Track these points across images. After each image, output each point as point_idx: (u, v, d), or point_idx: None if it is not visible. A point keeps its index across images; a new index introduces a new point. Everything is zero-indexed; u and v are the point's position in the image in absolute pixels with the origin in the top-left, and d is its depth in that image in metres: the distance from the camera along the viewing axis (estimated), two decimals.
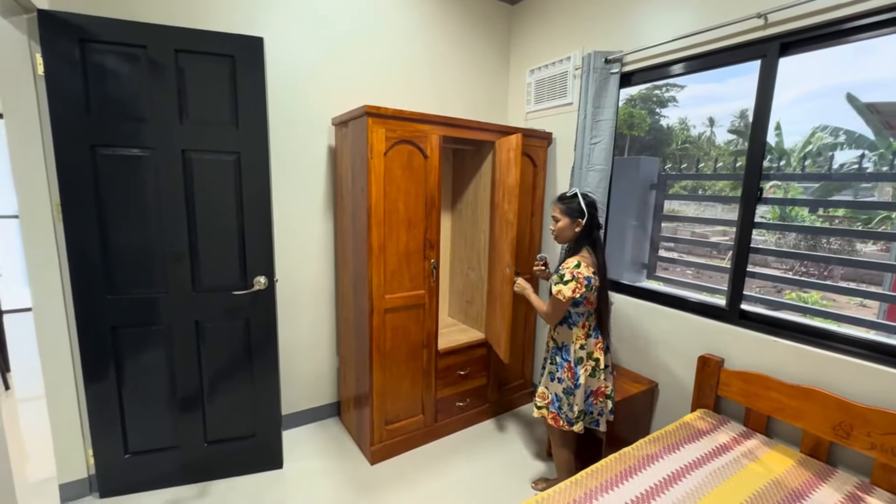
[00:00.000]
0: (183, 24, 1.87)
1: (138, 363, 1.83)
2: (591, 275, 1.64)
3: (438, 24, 2.63)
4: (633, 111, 9.20)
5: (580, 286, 1.62)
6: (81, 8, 1.68)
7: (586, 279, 1.63)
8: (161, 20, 1.83)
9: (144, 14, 1.82)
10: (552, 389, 1.81)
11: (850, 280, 4.86)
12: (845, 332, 1.63)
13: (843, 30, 1.55)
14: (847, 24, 1.53)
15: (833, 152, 7.64)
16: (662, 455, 1.55)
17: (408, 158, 2.05)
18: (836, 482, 1.43)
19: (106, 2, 1.76)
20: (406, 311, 2.16)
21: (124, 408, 1.84)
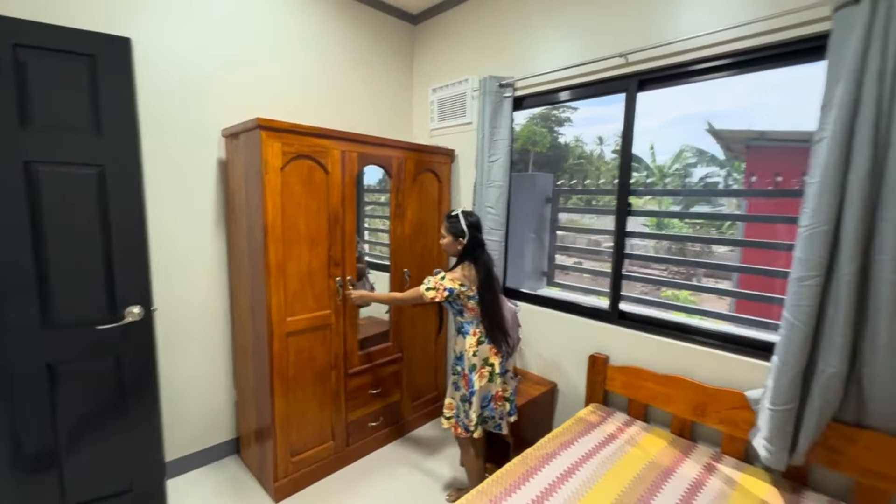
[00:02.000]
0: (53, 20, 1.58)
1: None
2: (454, 286, 1.77)
3: (341, 40, 2.60)
4: (535, 129, 9.97)
5: (439, 294, 1.76)
6: None
7: (447, 290, 1.77)
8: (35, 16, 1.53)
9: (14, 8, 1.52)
10: (455, 398, 1.88)
11: (710, 278, 5.76)
12: (701, 325, 1.92)
13: (687, 72, 1.85)
14: (689, 67, 1.83)
15: (694, 169, 9.04)
16: (559, 452, 1.67)
17: (308, 174, 1.98)
18: (696, 455, 1.66)
19: None
20: (311, 332, 2.06)
21: None
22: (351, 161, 2.13)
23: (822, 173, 1.32)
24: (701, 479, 1.52)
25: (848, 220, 1.29)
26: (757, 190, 2.31)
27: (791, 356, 1.39)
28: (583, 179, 7.14)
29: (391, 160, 2.34)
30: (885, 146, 1.25)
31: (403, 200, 2.43)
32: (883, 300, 1.27)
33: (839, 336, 1.32)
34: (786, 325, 1.41)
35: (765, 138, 5.85)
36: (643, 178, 10.50)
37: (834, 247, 1.33)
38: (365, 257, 2.68)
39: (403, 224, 2.44)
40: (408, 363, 2.56)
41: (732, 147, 7.22)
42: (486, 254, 1.87)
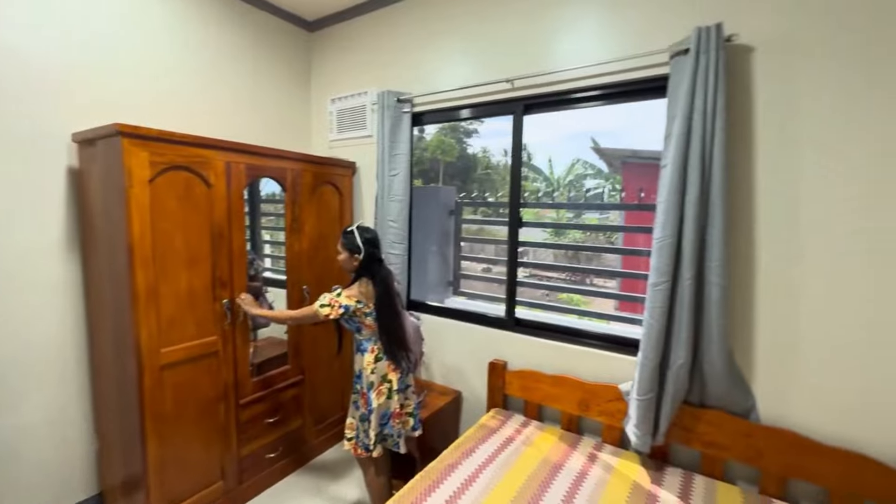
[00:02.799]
0: None
1: None
2: (350, 303, 1.74)
3: (230, 45, 2.43)
4: (444, 139, 10.24)
5: (334, 311, 1.72)
6: None
7: (342, 307, 1.73)
8: None
9: None
10: (356, 418, 1.84)
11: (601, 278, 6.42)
12: (585, 328, 2.12)
13: (566, 99, 2.03)
14: (568, 95, 2.02)
15: (585, 180, 10.06)
16: (461, 461, 1.71)
17: (185, 187, 1.78)
18: (582, 447, 1.82)
19: None
20: (193, 363, 1.85)
21: None
22: (238, 173, 1.97)
23: (666, 194, 1.56)
24: (585, 469, 1.67)
25: (687, 234, 1.54)
26: (624, 204, 2.64)
27: (650, 351, 1.60)
28: (490, 189, 7.50)
29: (285, 172, 2.22)
30: (709, 174, 1.51)
31: (301, 214, 2.31)
32: (713, 300, 1.53)
33: (684, 332, 1.56)
34: (645, 324, 1.63)
35: (637, 156, 6.73)
36: (544, 188, 11.31)
37: (678, 256, 1.57)
38: (262, 275, 2.49)
39: (301, 239, 2.32)
40: (310, 385, 2.43)
41: (613, 163, 8.21)
42: (384, 269, 1.85)
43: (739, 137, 1.57)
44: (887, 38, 1.36)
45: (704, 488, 1.57)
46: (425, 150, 10.49)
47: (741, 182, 1.58)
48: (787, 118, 1.51)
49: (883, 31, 1.36)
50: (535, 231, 6.84)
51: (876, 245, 1.41)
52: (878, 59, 1.37)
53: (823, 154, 1.46)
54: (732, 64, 1.55)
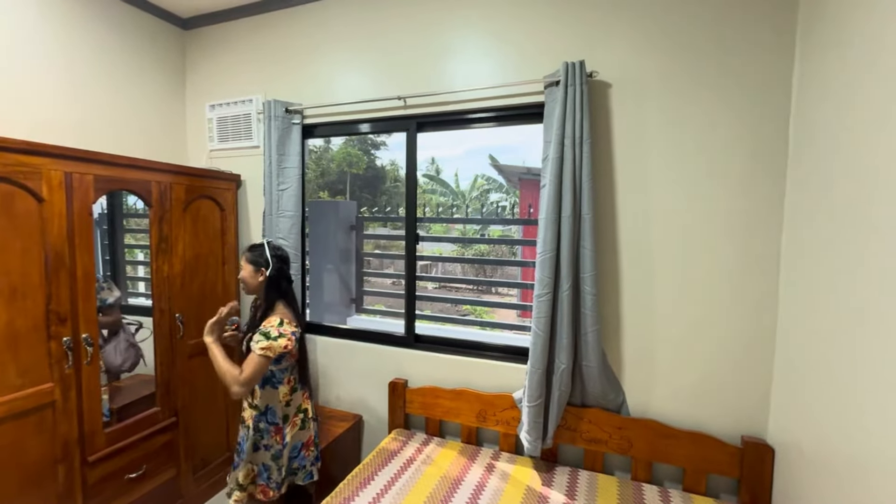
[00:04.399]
0: None
1: None
2: (296, 329, 1.63)
3: (82, 38, 2.07)
4: (351, 151, 10.01)
5: (290, 342, 1.57)
6: None
7: (293, 334, 1.60)
8: None
9: None
10: (258, 461, 1.67)
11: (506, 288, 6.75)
12: (481, 340, 2.18)
13: (459, 119, 2.09)
14: (460, 115, 2.08)
15: (489, 194, 10.57)
16: (358, 491, 1.62)
17: (4, 203, 1.45)
18: (481, 459, 1.86)
19: None
20: (16, 420, 1.49)
21: None
22: (84, 186, 1.67)
23: (545, 211, 1.68)
24: (483, 481, 1.70)
25: (564, 248, 1.67)
26: (515, 219, 2.82)
27: (537, 359, 1.70)
28: (401, 202, 7.51)
29: (149, 185, 1.94)
30: (580, 193, 1.67)
31: (171, 233, 2.04)
32: (588, 308, 1.68)
33: (565, 338, 1.68)
34: (532, 334, 1.72)
35: (531, 173, 7.29)
36: (451, 201, 11.53)
37: (557, 269, 1.69)
38: (115, 304, 2.11)
39: (172, 261, 2.05)
40: (186, 427, 2.13)
41: (511, 179, 8.78)
42: (292, 290, 1.75)
43: (603, 161, 1.77)
44: (698, 73, 1.64)
45: (587, 482, 1.69)
46: (332, 160, 10.13)
47: (606, 201, 1.78)
48: (637, 145, 1.74)
49: (697, 69, 1.65)
50: (444, 245, 6.98)
51: (710, 256, 1.68)
52: (693, 89, 1.65)
53: (665, 175, 1.71)
54: (594, 97, 1.75)
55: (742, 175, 1.62)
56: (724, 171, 1.64)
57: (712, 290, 1.68)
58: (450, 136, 2.22)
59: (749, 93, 1.59)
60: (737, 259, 1.64)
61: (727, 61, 1.61)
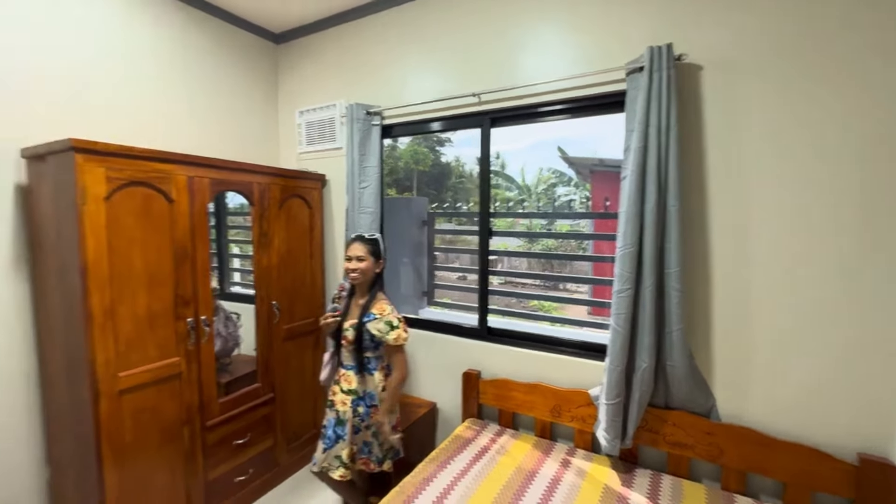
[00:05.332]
0: None
1: None
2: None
3: (192, 56, 2.38)
4: (418, 149, 10.28)
5: (405, 327, 1.78)
6: None
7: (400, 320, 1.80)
8: None
9: None
10: (359, 441, 1.83)
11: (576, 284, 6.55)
12: (555, 335, 2.16)
13: (532, 112, 2.09)
14: (534, 109, 2.07)
15: (556, 189, 10.27)
16: (437, 473, 1.70)
17: (144, 203, 1.72)
18: (555, 453, 1.85)
19: None
20: (154, 386, 1.77)
21: None
22: (202, 188, 1.93)
23: (626, 204, 1.62)
24: (558, 475, 1.70)
25: (647, 243, 1.60)
26: (590, 213, 2.73)
27: (616, 356, 1.65)
28: (465, 198, 7.52)
29: (252, 186, 2.18)
30: (665, 184, 1.58)
31: (269, 228, 2.27)
32: (672, 305, 1.59)
33: (647, 336, 1.62)
34: (611, 330, 1.68)
35: (603, 165, 6.94)
36: (516, 196, 11.38)
37: (639, 264, 1.63)
38: (214, 294, 2.40)
39: (270, 253, 2.28)
40: (281, 403, 2.37)
41: (581, 171, 8.44)
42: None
43: (691, 149, 1.66)
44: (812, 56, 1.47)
45: (671, 487, 1.62)
46: (399, 159, 10.48)
47: (694, 191, 1.67)
48: (733, 130, 1.61)
49: (810, 50, 1.48)
50: (510, 239, 6.97)
51: (820, 248, 1.51)
52: (806, 74, 1.49)
53: (767, 160, 1.56)
54: (683, 81, 1.65)
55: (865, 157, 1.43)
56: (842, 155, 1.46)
57: (824, 287, 1.50)
58: (515, 130, 2.22)
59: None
60: (855, 253, 1.46)
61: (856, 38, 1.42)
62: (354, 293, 1.92)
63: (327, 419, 1.88)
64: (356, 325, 1.80)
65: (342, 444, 1.80)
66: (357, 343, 1.80)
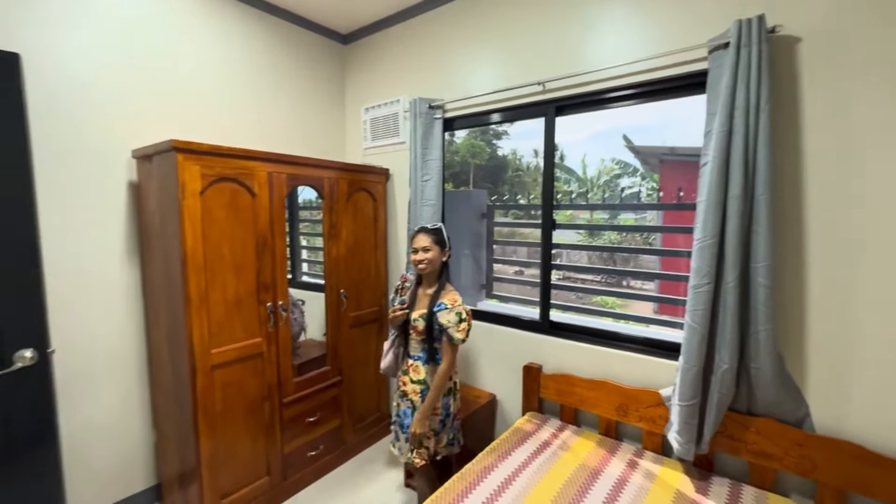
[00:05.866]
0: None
1: None
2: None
3: (269, 60, 2.55)
4: (474, 142, 10.24)
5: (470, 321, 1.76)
6: None
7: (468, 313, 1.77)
8: None
9: None
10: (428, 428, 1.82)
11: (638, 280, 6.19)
12: (622, 331, 2.08)
13: (599, 99, 2.01)
14: (601, 95, 1.99)
15: (620, 180, 9.76)
16: (497, 464, 1.71)
17: (232, 198, 1.89)
18: (621, 453, 1.78)
19: None
20: (240, 363, 1.96)
21: None
22: (279, 183, 2.07)
23: (707, 192, 1.51)
24: (624, 475, 1.63)
25: (729, 234, 1.48)
26: (661, 203, 2.56)
27: (692, 356, 1.55)
28: (522, 191, 7.37)
29: (323, 181, 2.30)
30: (753, 170, 1.45)
31: (338, 220, 2.40)
32: (760, 302, 1.46)
33: (729, 335, 1.50)
34: (687, 328, 1.58)
35: (674, 154, 6.46)
36: (577, 188, 11.05)
37: (720, 257, 1.51)
38: None
39: (338, 244, 2.41)
40: (348, 386, 2.51)
41: (649, 161, 7.92)
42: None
43: (786, 133, 1.50)
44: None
45: (755, 499, 1.49)
46: (456, 153, 10.50)
47: (789, 179, 1.51)
48: (838, 112, 1.43)
49: None
50: (569, 233, 6.71)
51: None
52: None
53: (880, 148, 1.37)
54: (776, 56, 1.49)
55: None
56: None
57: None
58: (575, 120, 2.13)
59: None
60: None
61: None
62: (421, 283, 1.92)
63: (402, 409, 1.87)
64: (426, 315, 1.78)
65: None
66: (427, 333, 1.78)
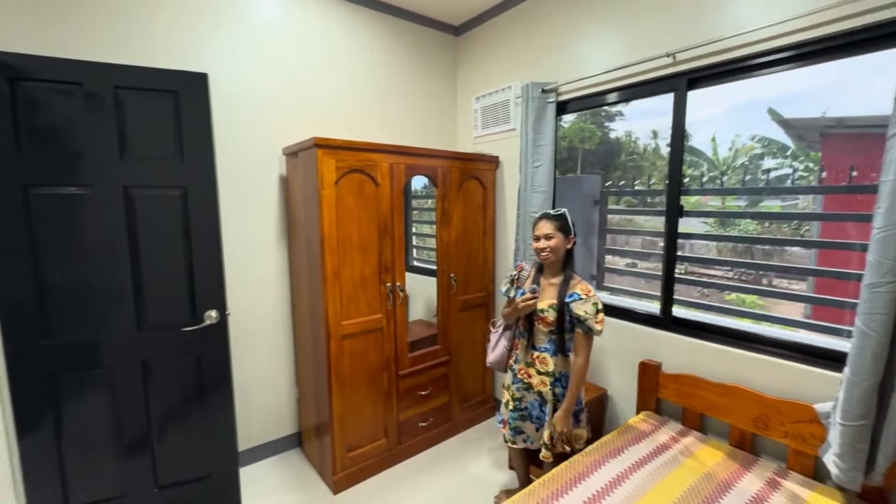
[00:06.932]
0: (133, 61, 1.85)
1: (79, 409, 1.74)
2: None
3: (388, 56, 2.74)
4: (583, 126, 9.69)
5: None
6: (12, 46, 1.64)
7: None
8: (108, 58, 1.80)
9: (92, 52, 1.80)
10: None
11: (783, 279, 5.28)
12: (763, 332, 1.82)
13: (743, 67, 1.76)
14: (745, 62, 1.74)
15: (762, 161, 8.36)
16: (608, 459, 1.65)
17: (359, 187, 2.11)
18: (758, 470, 1.58)
19: (42, 40, 1.72)
20: (364, 335, 2.19)
21: (64, 458, 1.74)
22: (399, 172, 2.24)
23: (894, 172, 1.22)
24: (763, 494, 1.45)
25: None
26: (825, 186, 2.14)
27: (863, 368, 1.29)
28: (637, 176, 6.81)
29: (436, 169, 2.42)
30: None
31: (449, 208, 2.50)
32: None
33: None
34: (858, 333, 1.31)
35: (843, 125, 5.30)
36: (705, 172, 9.80)
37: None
38: None
39: (449, 231, 2.52)
40: (456, 366, 2.63)
41: (806, 136, 6.61)
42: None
43: None
44: None
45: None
46: (563, 138, 10.10)
47: None
48: None
49: None
50: (692, 222, 6.00)
51: None
52: None
53: None
54: None
55: None
56: None
57: None
58: (705, 95, 1.87)
59: None
60: None
61: None
62: (542, 272, 1.81)
63: (528, 401, 1.81)
64: (556, 305, 1.69)
65: (545, 426, 1.75)
66: (558, 324, 1.70)
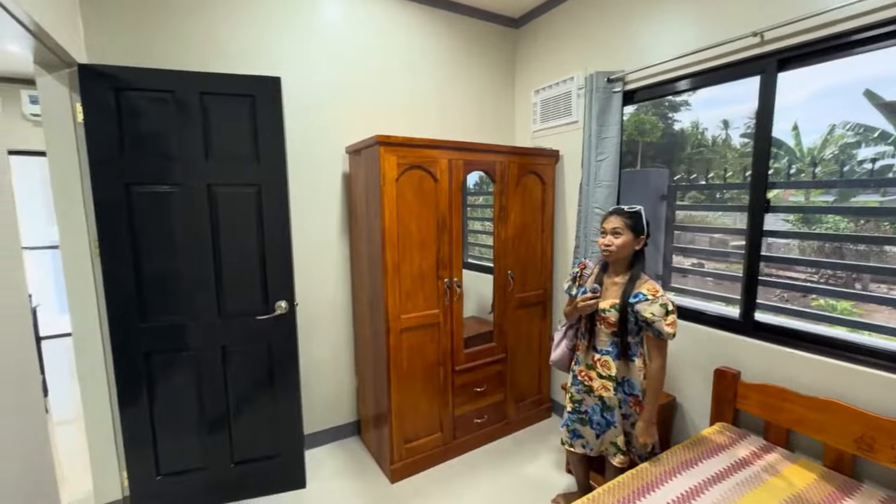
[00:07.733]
0: (211, 68, 2.01)
1: (169, 387, 1.93)
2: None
3: (446, 52, 2.74)
4: (643, 118, 9.15)
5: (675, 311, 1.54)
6: (116, 60, 1.83)
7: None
8: (191, 66, 1.98)
9: (178, 61, 1.97)
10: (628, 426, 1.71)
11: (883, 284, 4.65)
12: (864, 342, 1.61)
13: (843, 43, 1.57)
14: (846, 38, 1.55)
15: (856, 150, 7.44)
16: (680, 471, 1.55)
17: (419, 183, 2.13)
18: (861, 497, 1.40)
19: (139, 52, 1.91)
20: (422, 330, 2.22)
21: (156, 431, 1.93)
22: (457, 168, 2.24)
23: None
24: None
25: None
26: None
27: None
28: (704, 170, 6.33)
29: (494, 165, 2.39)
30: None
31: (507, 204, 2.47)
32: None
33: None
34: None
35: None
36: (784, 166, 8.96)
37: None
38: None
39: (507, 227, 2.48)
40: (511, 364, 2.60)
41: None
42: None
43: None
44: None
45: None
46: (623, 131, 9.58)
47: None
48: None
49: None
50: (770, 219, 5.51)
51: None
52: None
53: None
54: None
55: None
56: None
57: None
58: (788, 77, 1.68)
59: None
60: None
61: None
62: (607, 270, 1.72)
63: (588, 405, 1.74)
64: (619, 305, 1.60)
65: (615, 431, 1.68)
66: (621, 325, 1.61)
